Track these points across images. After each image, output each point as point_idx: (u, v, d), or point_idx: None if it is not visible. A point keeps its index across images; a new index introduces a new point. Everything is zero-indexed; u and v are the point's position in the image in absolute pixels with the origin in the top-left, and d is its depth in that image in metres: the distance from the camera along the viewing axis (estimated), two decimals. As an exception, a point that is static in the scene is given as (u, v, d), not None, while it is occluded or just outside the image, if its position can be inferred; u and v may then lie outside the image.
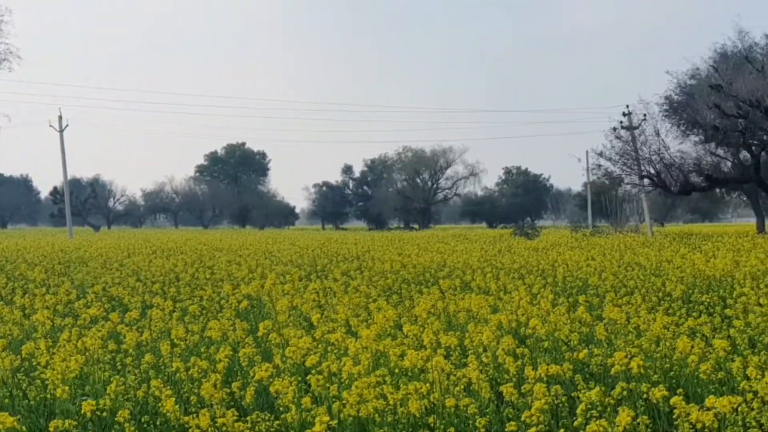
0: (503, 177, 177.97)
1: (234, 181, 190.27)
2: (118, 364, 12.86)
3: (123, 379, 11.28)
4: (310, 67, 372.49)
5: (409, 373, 10.70)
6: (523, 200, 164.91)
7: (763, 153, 58.78)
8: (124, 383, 11.07)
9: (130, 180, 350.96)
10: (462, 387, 10.39)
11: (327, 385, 10.14)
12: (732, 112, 50.84)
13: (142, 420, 10.17)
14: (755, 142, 56.60)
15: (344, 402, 9.44)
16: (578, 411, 8.63)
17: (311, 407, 9.43)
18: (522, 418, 8.70)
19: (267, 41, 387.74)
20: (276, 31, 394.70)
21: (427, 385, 9.90)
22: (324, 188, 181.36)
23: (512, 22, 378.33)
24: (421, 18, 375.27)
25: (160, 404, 9.83)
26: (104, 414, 9.80)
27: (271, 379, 10.10)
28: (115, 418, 9.57)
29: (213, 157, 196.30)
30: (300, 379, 10.39)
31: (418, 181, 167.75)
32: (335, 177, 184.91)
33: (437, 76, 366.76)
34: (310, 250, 40.56)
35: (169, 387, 10.40)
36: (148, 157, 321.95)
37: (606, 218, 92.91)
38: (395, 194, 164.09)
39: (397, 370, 10.95)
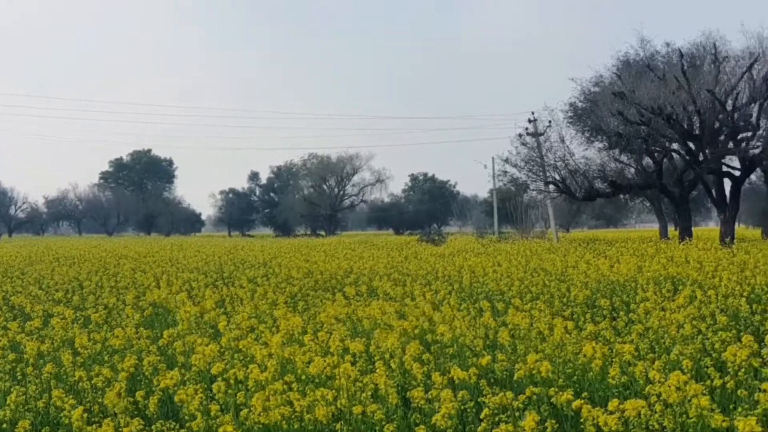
0: (410, 183, 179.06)
1: (139, 188, 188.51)
2: (19, 374, 12.60)
3: (23, 389, 11.07)
4: (217, 74, 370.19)
5: (316, 380, 10.66)
6: (429, 207, 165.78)
7: (665, 160, 59.69)
8: (25, 393, 10.85)
9: (33, 187, 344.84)
10: (369, 393, 10.36)
11: (233, 392, 10.05)
12: (635, 119, 51.54)
13: (43, 431, 9.96)
14: (657, 149, 57.45)
15: (251, 409, 9.37)
16: (483, 415, 8.66)
17: (217, 415, 9.34)
18: (429, 423, 8.70)
19: (173, 47, 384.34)
20: (182, 37, 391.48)
21: (334, 391, 9.87)
22: (230, 195, 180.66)
23: (418, 29, 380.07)
24: (329, 24, 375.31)
25: (62, 414, 9.66)
26: (4, 426, 9.61)
27: (176, 388, 9.99)
28: (15, 429, 9.37)
29: (118, 164, 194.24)
30: (206, 386, 10.28)
31: (325, 187, 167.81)
32: (242, 184, 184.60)
33: (344, 82, 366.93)
34: (216, 257, 40.28)
35: (71, 396, 10.23)
36: (51, 164, 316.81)
37: (512, 224, 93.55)
38: (302, 201, 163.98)
39: (303, 377, 10.90)
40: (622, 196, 74.92)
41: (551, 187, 59.46)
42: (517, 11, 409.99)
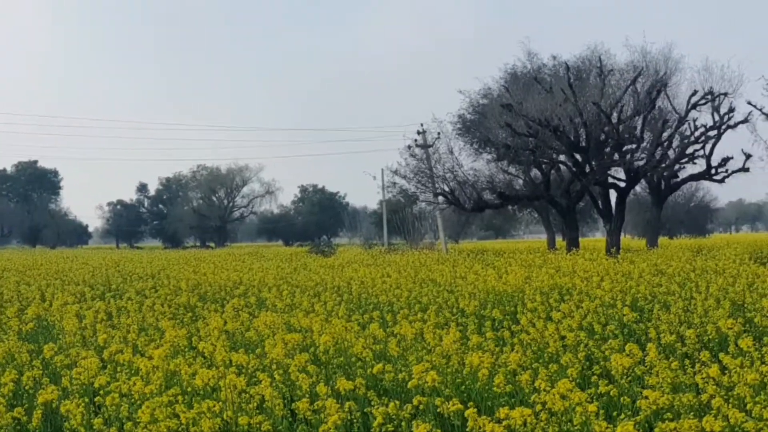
0: (299, 195, 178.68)
1: (24, 200, 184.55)
2: None
3: None
4: (105, 84, 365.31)
5: (202, 392, 10.52)
6: (319, 218, 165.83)
7: (552, 171, 60.47)
8: None
9: None
10: (255, 404, 10.26)
11: (117, 405, 9.87)
12: (522, 131, 52.10)
13: None
14: (545, 161, 58.15)
15: (137, 422, 9.21)
16: (374, 426, 8.63)
17: (102, 429, 9.16)
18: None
19: (59, 56, 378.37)
20: (69, 46, 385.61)
21: (220, 403, 9.75)
22: (118, 207, 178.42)
23: (309, 41, 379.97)
24: (218, 35, 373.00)
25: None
26: None
27: (58, 402, 9.77)
28: None
29: (2, 176, 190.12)
30: (88, 400, 10.08)
31: (214, 199, 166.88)
32: (130, 195, 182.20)
33: (234, 94, 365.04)
34: (103, 270, 39.63)
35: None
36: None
37: (402, 235, 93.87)
38: (191, 212, 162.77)
39: (189, 389, 10.75)
40: (510, 207, 75.73)
41: (440, 198, 59.73)
42: (408, 23, 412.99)
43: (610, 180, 55.83)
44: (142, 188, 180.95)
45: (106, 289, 28.52)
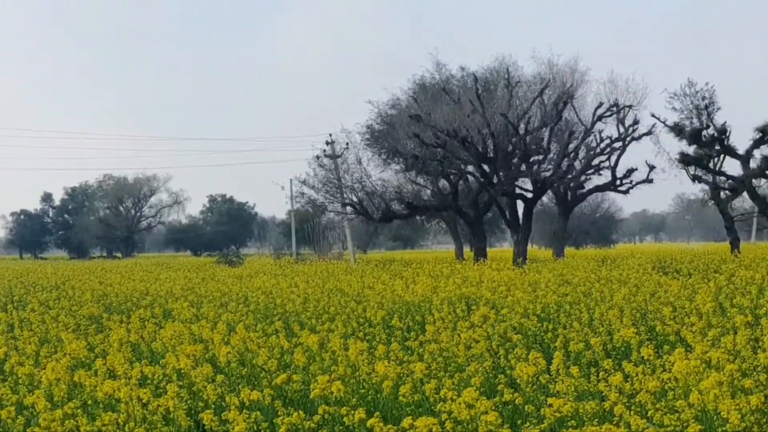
0: (208, 205, 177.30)
1: None
2: None
3: None
4: (8, 91, 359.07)
5: (104, 404, 10.36)
6: (228, 228, 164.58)
7: (460, 182, 60.75)
8: None
9: None
10: (160, 416, 10.13)
11: (14, 418, 9.67)
12: (431, 141, 52.27)
13: None
14: (453, 171, 58.37)
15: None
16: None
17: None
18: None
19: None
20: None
21: (123, 415, 9.61)
22: (22, 216, 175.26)
23: (218, 50, 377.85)
24: (124, 43, 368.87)
25: None
26: None
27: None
28: None
29: None
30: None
31: (122, 209, 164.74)
32: (34, 205, 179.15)
33: (142, 103, 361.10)
34: (6, 281, 38.96)
35: None
36: None
37: (310, 246, 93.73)
38: (97, 222, 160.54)
39: (90, 401, 10.58)
40: (418, 217, 75.95)
41: (348, 208, 59.78)
42: (318, 34, 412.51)
43: (518, 191, 56.27)
44: (47, 198, 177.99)
45: (8, 300, 28.03)
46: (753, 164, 51.88)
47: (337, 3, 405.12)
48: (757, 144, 51.76)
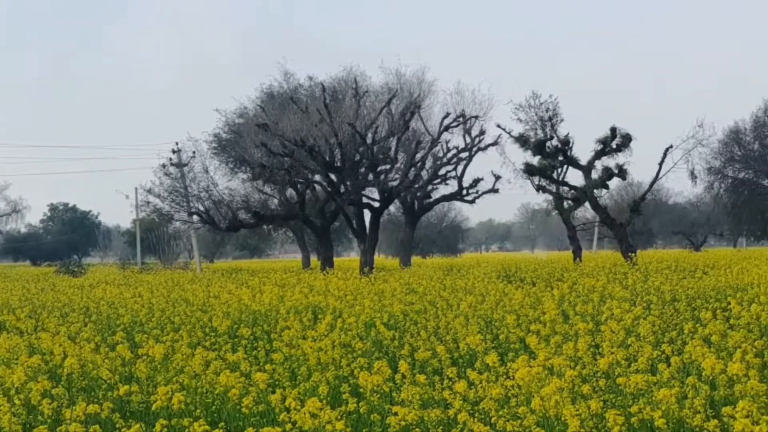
0: (49, 214, 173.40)
1: None
2: None
3: None
4: None
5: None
6: (70, 237, 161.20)
7: (308, 191, 60.66)
8: None
9: None
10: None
11: None
12: (278, 150, 52.03)
13: None
14: (300, 180, 58.20)
15: None
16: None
17: None
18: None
19: None
20: None
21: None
22: None
23: (60, 54, 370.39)
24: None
25: None
26: None
27: None
28: None
29: None
30: None
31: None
32: None
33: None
34: None
35: None
36: None
37: (156, 255, 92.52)
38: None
39: None
40: (265, 226, 75.59)
41: (195, 217, 59.14)
42: (165, 41, 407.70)
43: (365, 200, 56.39)
44: None
45: None
46: (594, 175, 53.11)
47: (184, 10, 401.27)
48: (598, 155, 53.00)
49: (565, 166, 53.84)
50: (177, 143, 67.67)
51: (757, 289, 22.07)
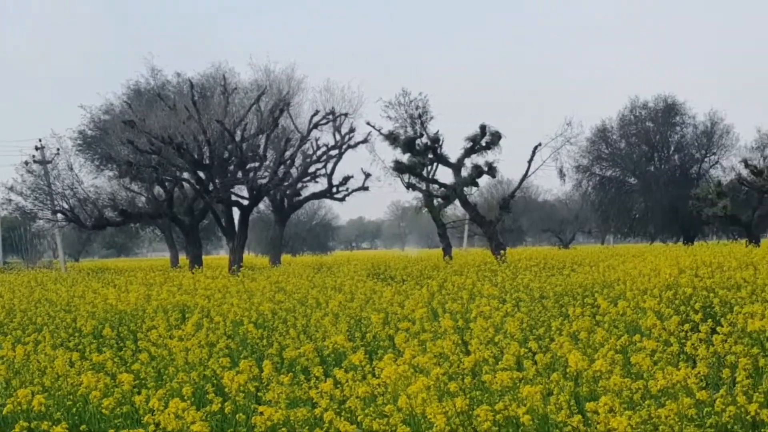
0: None
1: None
2: None
3: None
4: None
5: None
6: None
7: (176, 188, 60.08)
8: None
9: None
10: None
11: None
12: (145, 148, 51.41)
13: None
14: (168, 178, 57.61)
15: None
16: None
17: None
18: None
19: None
20: None
21: None
22: None
23: None
24: None
25: None
26: None
27: None
28: None
29: None
30: None
31: None
32: None
33: None
34: None
35: None
36: None
37: (19, 254, 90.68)
38: None
39: None
40: (133, 224, 74.70)
41: (59, 216, 58.00)
42: (24, 33, 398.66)
43: (234, 198, 56.11)
44: None
45: None
46: (464, 173, 53.70)
47: (45, 2, 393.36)
48: (468, 153, 53.58)
49: (435, 164, 54.36)
50: (41, 140, 66.32)
51: (623, 286, 22.54)
